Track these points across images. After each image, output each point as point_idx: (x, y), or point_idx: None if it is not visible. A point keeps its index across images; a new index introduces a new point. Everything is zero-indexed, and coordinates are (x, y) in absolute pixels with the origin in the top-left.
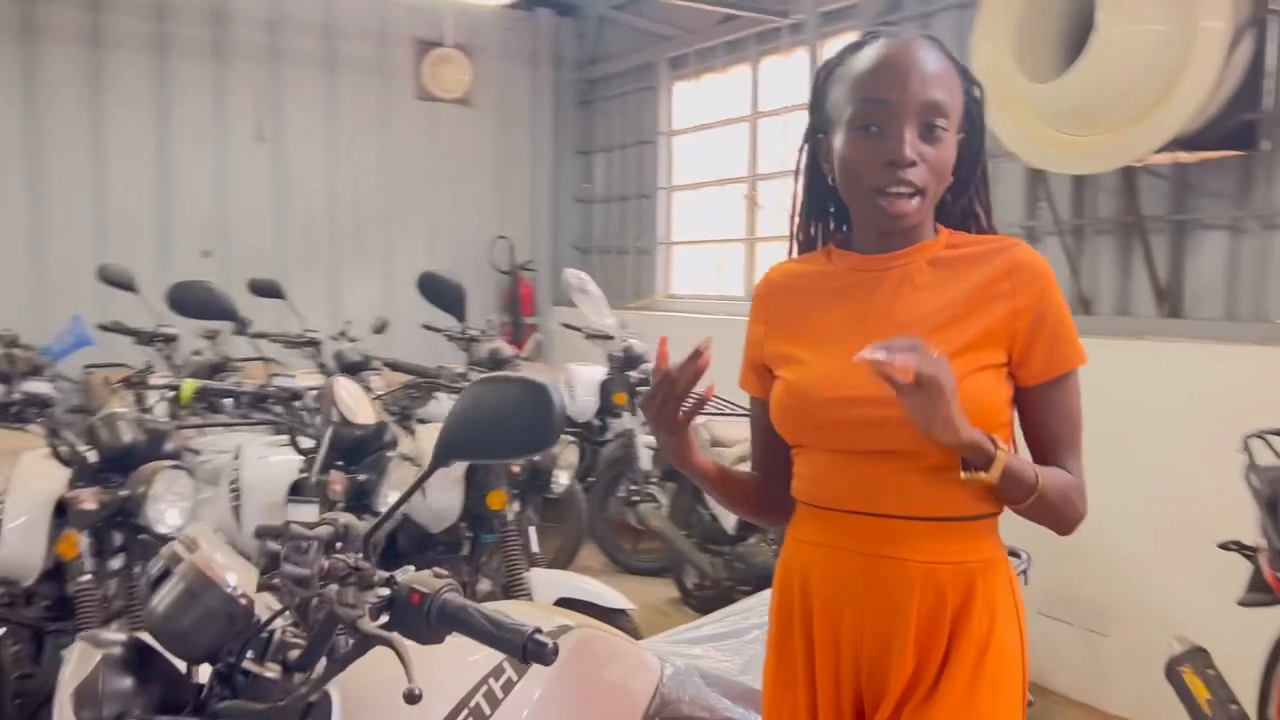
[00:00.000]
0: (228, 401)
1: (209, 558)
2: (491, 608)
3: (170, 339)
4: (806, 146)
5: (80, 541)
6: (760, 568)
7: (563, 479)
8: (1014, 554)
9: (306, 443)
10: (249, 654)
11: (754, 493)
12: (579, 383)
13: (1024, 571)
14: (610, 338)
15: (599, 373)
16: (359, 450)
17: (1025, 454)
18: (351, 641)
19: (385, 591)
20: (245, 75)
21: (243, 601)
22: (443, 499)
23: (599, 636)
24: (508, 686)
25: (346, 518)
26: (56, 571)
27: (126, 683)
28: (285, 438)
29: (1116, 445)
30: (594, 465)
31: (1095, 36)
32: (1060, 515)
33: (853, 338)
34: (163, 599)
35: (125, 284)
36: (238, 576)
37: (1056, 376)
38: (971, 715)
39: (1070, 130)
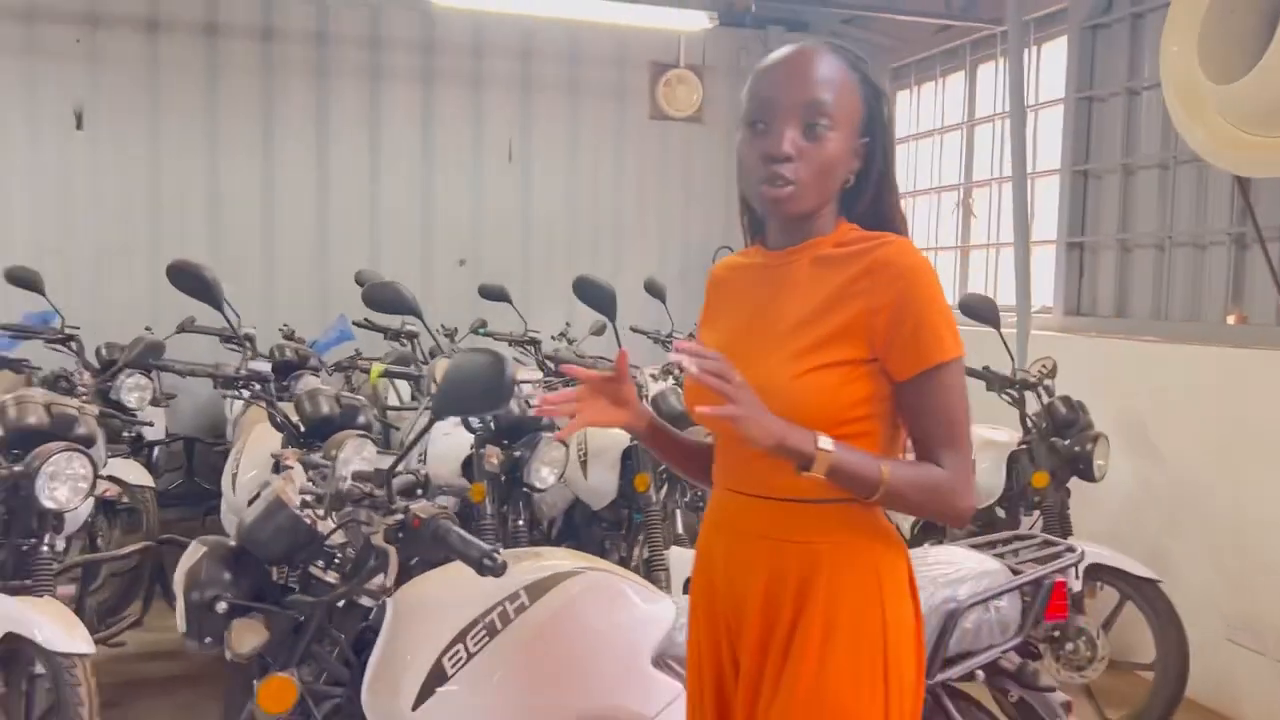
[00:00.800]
0: None
1: (287, 486)
2: (532, 557)
3: (412, 334)
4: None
5: None
6: None
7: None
8: (1069, 549)
9: (476, 423)
10: (319, 563)
11: (704, 462)
12: None
13: (1074, 565)
14: None
15: None
16: (517, 430)
17: None
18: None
19: (400, 516)
20: (499, 102)
21: (307, 521)
22: (601, 480)
23: (614, 581)
24: (520, 610)
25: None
26: None
27: (224, 575)
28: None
29: None
30: None
31: None
32: (925, 509)
33: (741, 332)
34: (250, 514)
35: None
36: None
37: (922, 371)
38: (818, 694)
39: (1263, 132)
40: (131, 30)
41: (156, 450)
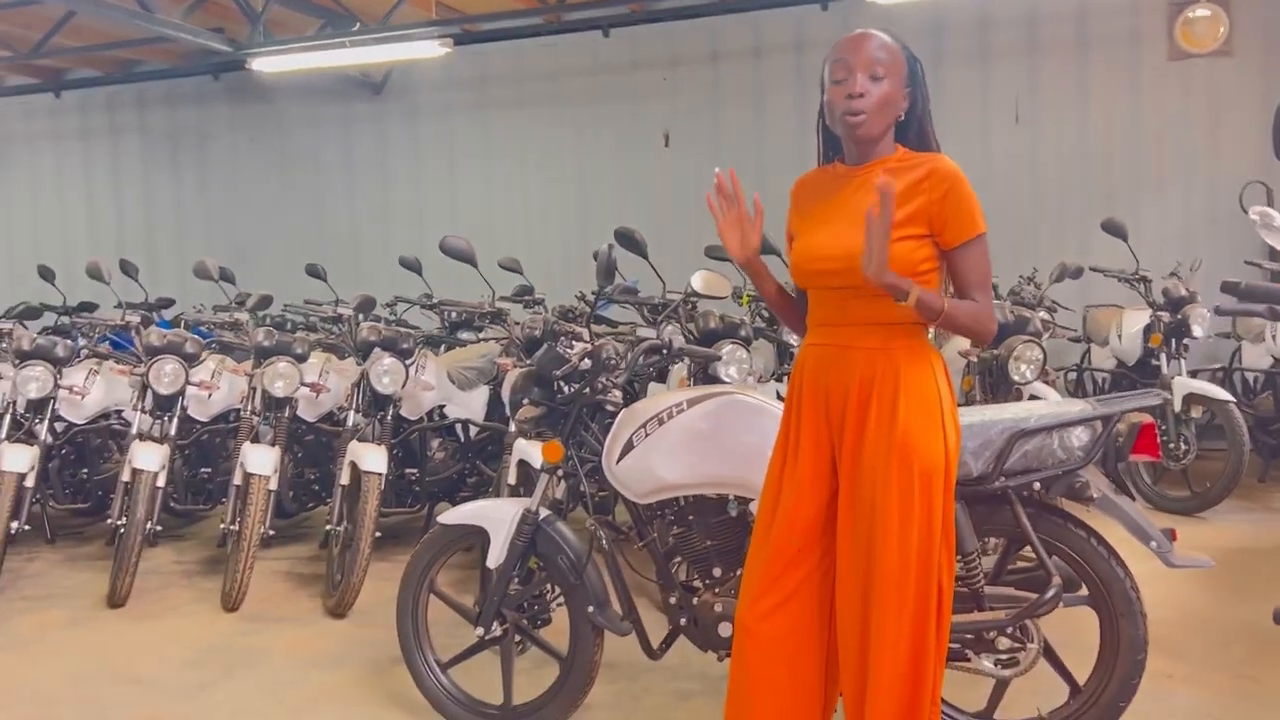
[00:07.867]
0: None
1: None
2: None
3: None
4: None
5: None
6: None
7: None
8: (1154, 396)
9: None
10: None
11: (796, 311)
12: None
13: (1152, 408)
14: None
15: None
16: None
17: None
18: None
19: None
20: (1005, 70)
21: (565, 355)
22: None
23: (755, 400)
24: (680, 411)
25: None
26: None
27: (529, 386)
28: None
29: None
30: None
31: None
32: (971, 329)
33: (830, 221)
34: (538, 355)
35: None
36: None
37: (961, 243)
38: (903, 434)
39: None
40: (699, 63)
41: None
